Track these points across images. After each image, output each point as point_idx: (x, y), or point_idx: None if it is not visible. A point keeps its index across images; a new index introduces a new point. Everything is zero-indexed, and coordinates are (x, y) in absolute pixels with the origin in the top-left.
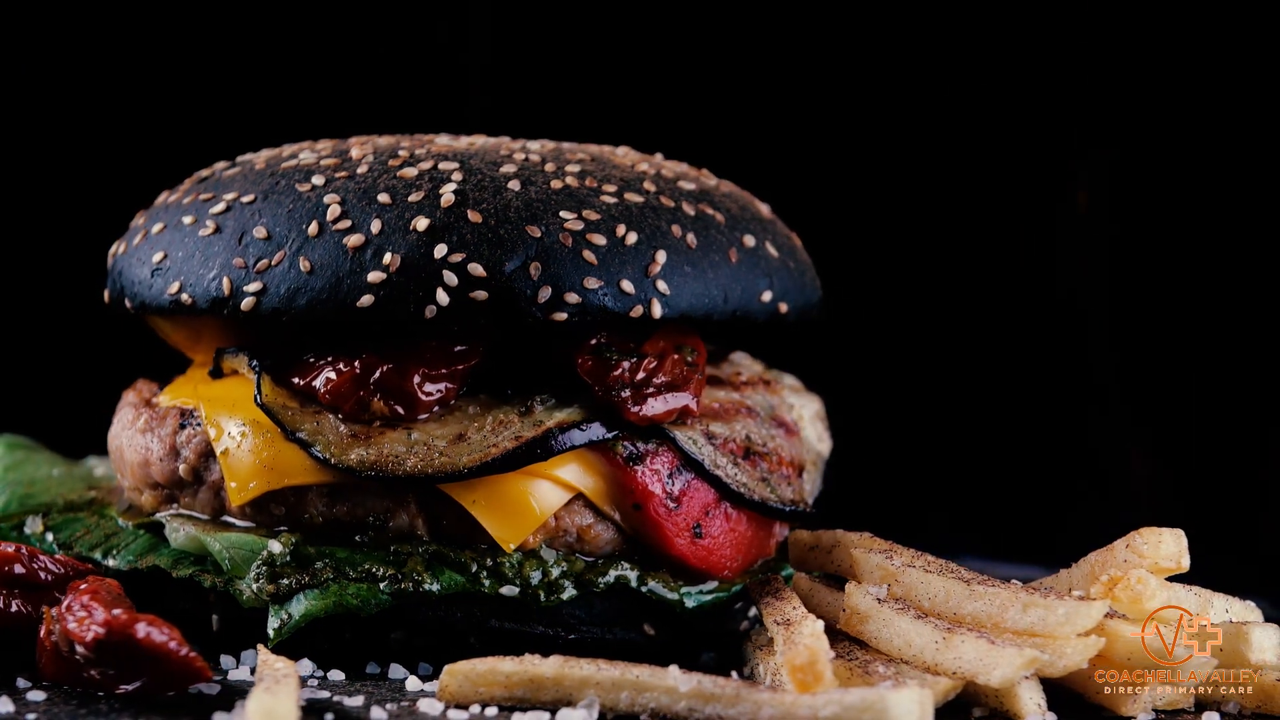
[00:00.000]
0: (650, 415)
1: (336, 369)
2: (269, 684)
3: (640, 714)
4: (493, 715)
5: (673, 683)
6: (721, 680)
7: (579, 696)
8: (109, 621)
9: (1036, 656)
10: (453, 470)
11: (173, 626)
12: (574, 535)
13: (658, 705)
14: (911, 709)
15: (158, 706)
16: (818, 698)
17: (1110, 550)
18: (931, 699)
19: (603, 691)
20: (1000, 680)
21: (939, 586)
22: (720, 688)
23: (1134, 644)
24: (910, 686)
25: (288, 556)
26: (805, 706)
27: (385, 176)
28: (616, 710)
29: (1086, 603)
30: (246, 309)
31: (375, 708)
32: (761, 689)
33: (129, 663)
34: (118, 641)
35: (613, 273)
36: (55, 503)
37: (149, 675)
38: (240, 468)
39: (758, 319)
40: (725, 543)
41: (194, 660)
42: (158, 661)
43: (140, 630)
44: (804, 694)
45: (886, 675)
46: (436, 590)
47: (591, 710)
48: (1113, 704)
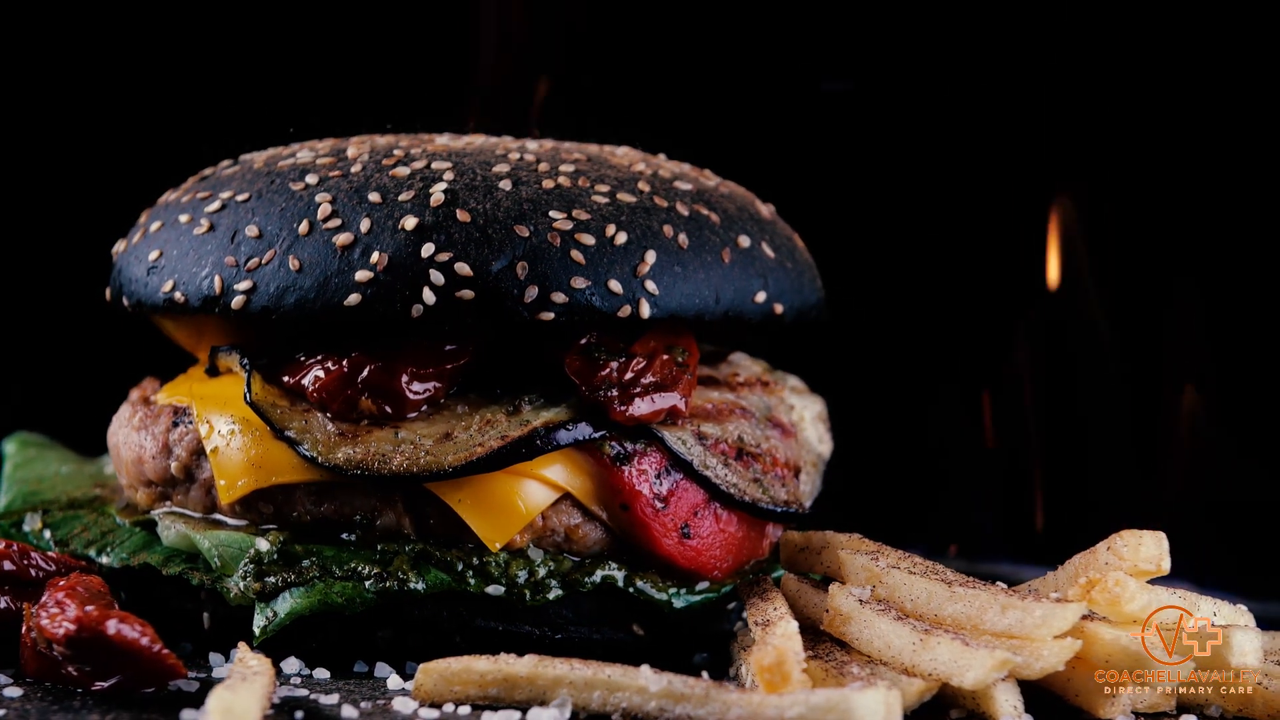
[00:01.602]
0: (637, 415)
1: (325, 367)
2: (234, 681)
3: (612, 713)
4: (465, 714)
5: (644, 682)
6: (691, 680)
7: (552, 696)
8: (80, 618)
9: (1008, 658)
10: (438, 469)
11: (146, 624)
12: (562, 535)
13: (629, 705)
14: (876, 710)
15: (129, 703)
16: (784, 698)
17: (1093, 553)
18: (899, 700)
19: (575, 691)
20: (973, 681)
21: (921, 588)
22: (690, 688)
23: (1113, 646)
24: (878, 687)
25: (275, 554)
26: (772, 707)
27: (378, 176)
28: (589, 710)
29: (1062, 605)
30: (236, 307)
31: (347, 706)
32: (731, 689)
33: (104, 660)
34: (89, 638)
35: (601, 272)
36: (58, 500)
37: (124, 672)
38: (229, 466)
39: (751, 320)
40: (715, 543)
41: (167, 658)
42: (131, 658)
43: (111, 627)
44: (772, 694)
45: (860, 676)
46: (422, 589)
47: (564, 710)
48: (1090, 706)
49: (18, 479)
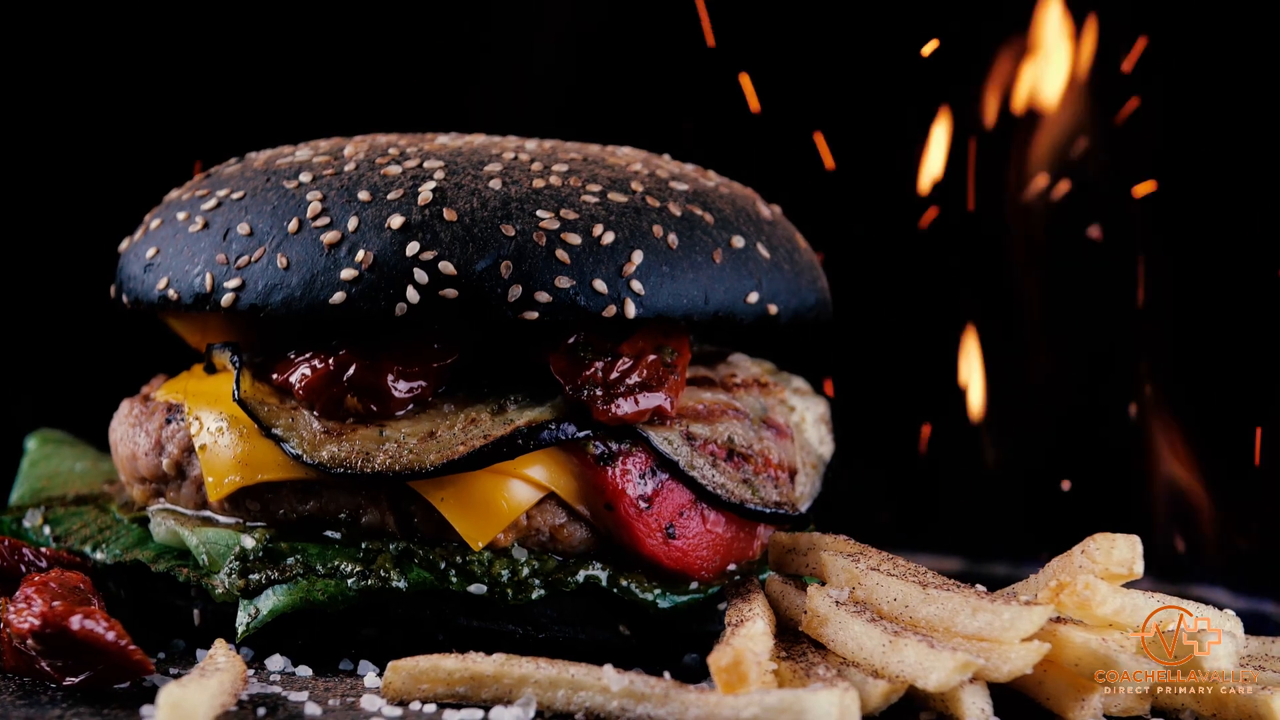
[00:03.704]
0: (621, 415)
1: (312, 365)
2: (189, 677)
3: (576, 712)
4: (430, 712)
5: (606, 682)
6: (652, 680)
7: (518, 694)
8: (44, 613)
9: (970, 660)
10: (419, 468)
11: (113, 620)
12: (547, 535)
13: (592, 704)
14: (830, 711)
15: (95, 698)
16: (740, 699)
17: (1069, 556)
18: (856, 701)
19: (540, 690)
20: (936, 684)
21: (897, 590)
22: (651, 687)
23: (1081, 649)
24: (835, 689)
25: (260, 552)
26: (729, 707)
27: (370, 174)
28: (553, 709)
29: (1029, 608)
30: (226, 305)
31: (311, 704)
32: (690, 690)
33: (72, 655)
34: (53, 633)
35: (586, 272)
36: (64, 496)
37: (94, 668)
38: (217, 463)
39: (743, 320)
40: (701, 544)
41: (133, 653)
42: (98, 654)
43: (75, 622)
44: (729, 695)
45: (825, 678)
46: (404, 588)
47: (527, 709)
48: (1061, 710)
49: (32, 475)
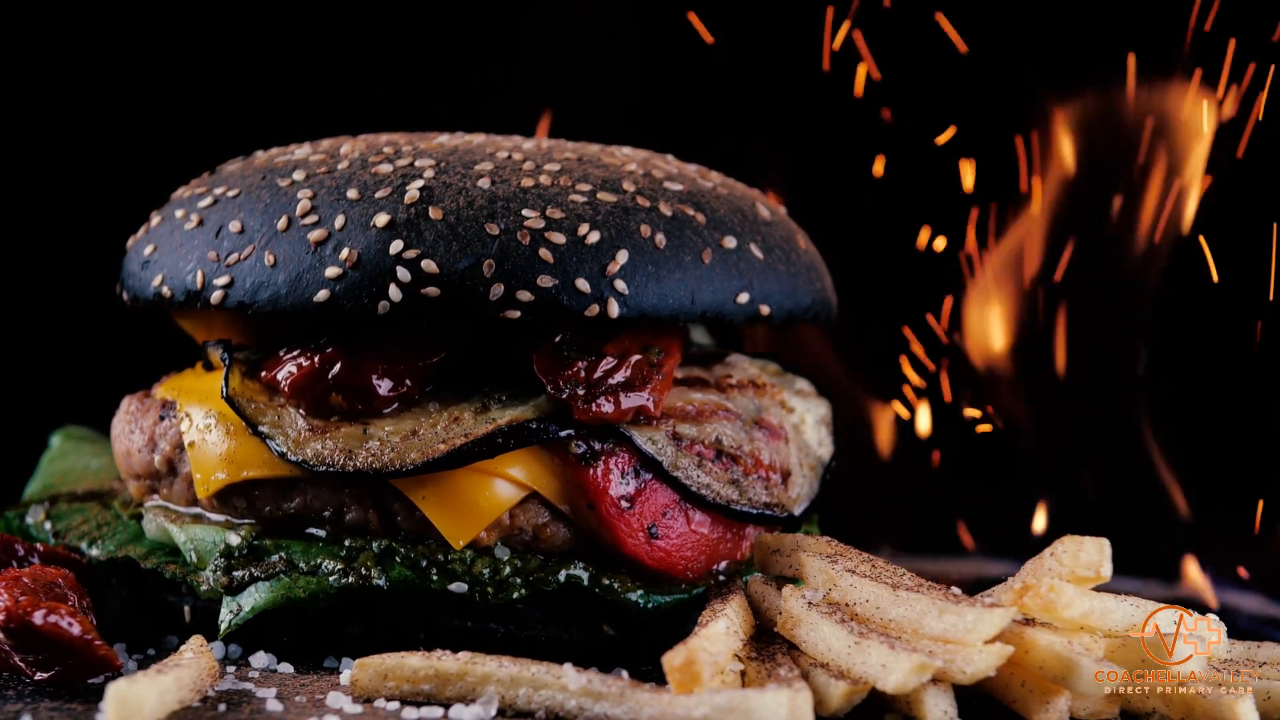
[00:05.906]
0: (602, 414)
1: (298, 363)
2: (140, 674)
3: (536, 710)
4: (393, 709)
5: (565, 680)
6: (610, 679)
7: (481, 692)
8: (7, 608)
9: (926, 662)
10: (400, 466)
11: (81, 616)
12: (530, 534)
13: (552, 703)
14: (778, 711)
15: (58, 694)
16: (692, 698)
17: (1040, 558)
18: (809, 702)
19: (503, 687)
20: (894, 686)
21: (869, 591)
22: (608, 686)
23: (1046, 652)
24: (785, 689)
25: (244, 549)
26: (681, 706)
27: (361, 173)
28: (515, 707)
29: (990, 610)
30: (215, 302)
31: (274, 700)
32: (646, 689)
33: (43, 650)
34: (18, 628)
35: (569, 271)
36: (72, 492)
37: (64, 664)
38: (205, 459)
39: (733, 320)
40: (685, 545)
41: (99, 649)
42: (65, 649)
43: (38, 617)
44: (681, 694)
45: (786, 678)
46: (384, 585)
47: (489, 707)
48: (1027, 712)
49: (48, 471)
